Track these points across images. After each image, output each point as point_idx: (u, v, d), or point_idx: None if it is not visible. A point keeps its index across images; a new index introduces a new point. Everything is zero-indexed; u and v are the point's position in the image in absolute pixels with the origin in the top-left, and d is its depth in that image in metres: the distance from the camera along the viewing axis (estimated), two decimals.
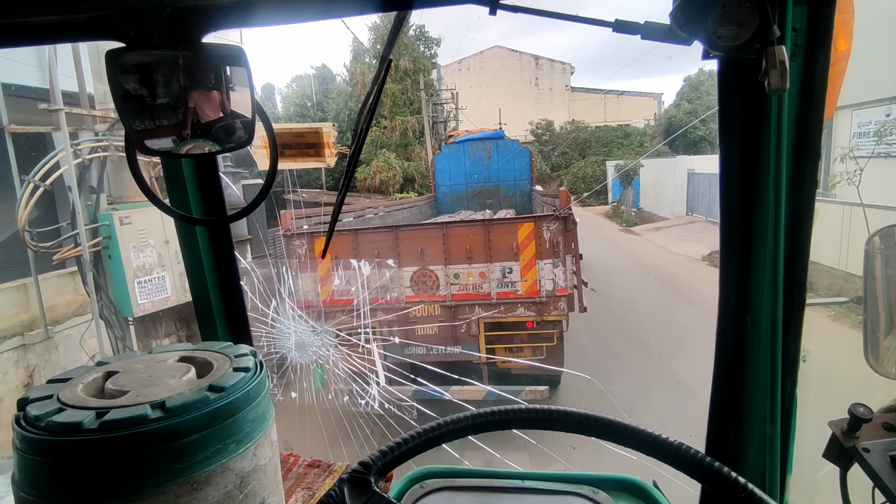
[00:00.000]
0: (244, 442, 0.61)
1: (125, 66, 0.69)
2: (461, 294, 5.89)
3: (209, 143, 0.75)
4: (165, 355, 0.71)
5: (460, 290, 5.89)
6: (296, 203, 10.78)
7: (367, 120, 0.97)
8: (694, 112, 25.12)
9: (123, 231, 5.42)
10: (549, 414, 0.74)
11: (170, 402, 0.56)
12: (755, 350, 0.86)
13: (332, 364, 5.52)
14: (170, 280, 5.90)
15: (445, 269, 5.86)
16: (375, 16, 19.72)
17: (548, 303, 5.73)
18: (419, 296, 5.95)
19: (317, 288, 6.02)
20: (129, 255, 5.44)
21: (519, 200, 12.25)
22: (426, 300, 5.94)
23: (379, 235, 6.02)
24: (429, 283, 5.94)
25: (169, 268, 5.88)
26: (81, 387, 0.61)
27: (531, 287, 5.72)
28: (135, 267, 5.52)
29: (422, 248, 5.88)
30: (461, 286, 5.88)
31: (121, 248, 5.37)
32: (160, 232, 5.78)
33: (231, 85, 0.73)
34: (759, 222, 0.80)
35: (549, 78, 37.72)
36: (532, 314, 5.80)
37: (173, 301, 5.99)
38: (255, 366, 0.67)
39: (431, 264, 5.89)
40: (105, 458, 0.52)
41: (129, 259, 5.45)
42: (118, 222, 5.37)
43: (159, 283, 5.78)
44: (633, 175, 21.45)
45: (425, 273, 5.93)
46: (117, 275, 5.47)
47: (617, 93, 38.09)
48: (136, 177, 0.86)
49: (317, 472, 1.20)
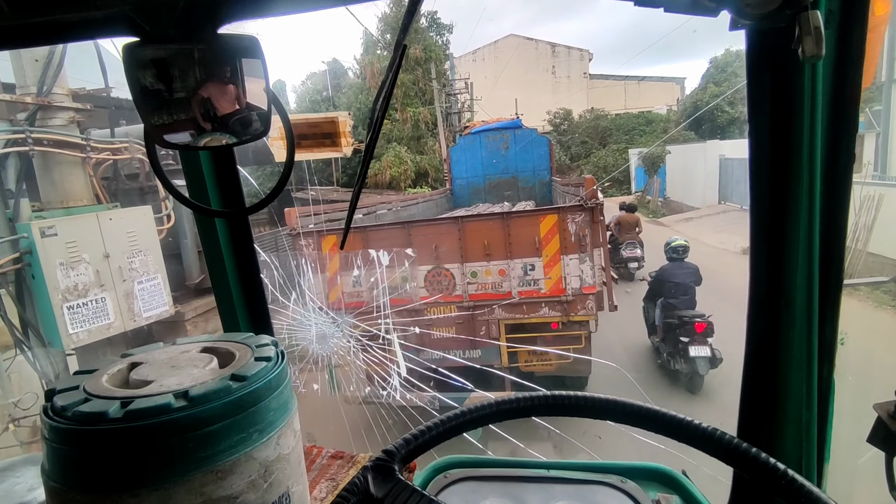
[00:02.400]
0: (267, 431, 0.61)
1: (142, 61, 0.68)
2: (479, 294, 5.53)
3: (226, 136, 0.74)
4: (188, 346, 0.73)
5: (478, 290, 5.53)
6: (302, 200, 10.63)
7: (383, 109, 0.92)
8: (722, 94, 24.25)
9: (46, 245, 4.36)
10: (575, 400, 0.73)
11: (193, 392, 0.56)
12: (789, 333, 0.84)
13: (353, 355, 5.28)
14: (112, 302, 4.82)
15: (462, 267, 5.51)
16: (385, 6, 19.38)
17: (574, 302, 5.33)
18: (434, 296, 5.60)
19: (324, 290, 5.71)
20: (54, 273, 4.41)
21: (539, 191, 11.97)
22: (441, 301, 5.59)
23: (390, 232, 5.71)
24: (444, 283, 5.60)
25: (111, 287, 4.82)
26: (106, 377, 0.63)
27: (556, 285, 5.34)
28: (63, 288, 4.48)
29: (436, 244, 5.54)
30: (479, 285, 5.53)
31: (43, 265, 4.35)
32: (97, 244, 4.70)
33: (246, 76, 0.73)
34: (793, 200, 0.78)
35: (566, 66, 37.43)
36: (557, 314, 5.40)
37: (118, 328, 4.89)
38: (277, 355, 0.67)
39: (447, 262, 5.54)
40: (130, 446, 0.53)
41: (54, 279, 4.42)
42: (38, 234, 4.30)
43: (98, 308, 4.73)
44: (658, 163, 20.66)
45: (440, 272, 5.59)
46: (42, 299, 4.47)
47: (637, 79, 38.08)
48: (158, 173, 0.85)
49: (340, 463, 1.20)
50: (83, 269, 4.57)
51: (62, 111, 4.53)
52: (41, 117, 4.50)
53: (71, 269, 4.49)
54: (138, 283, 4.63)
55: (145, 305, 4.65)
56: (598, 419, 0.73)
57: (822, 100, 0.72)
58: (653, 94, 36.13)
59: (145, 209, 4.68)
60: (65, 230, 4.48)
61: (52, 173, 4.67)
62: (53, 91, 4.43)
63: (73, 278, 4.50)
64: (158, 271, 4.75)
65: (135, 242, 4.69)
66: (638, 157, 23.64)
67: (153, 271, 4.74)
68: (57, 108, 4.49)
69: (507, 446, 4.53)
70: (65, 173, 4.64)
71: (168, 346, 0.73)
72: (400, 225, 5.77)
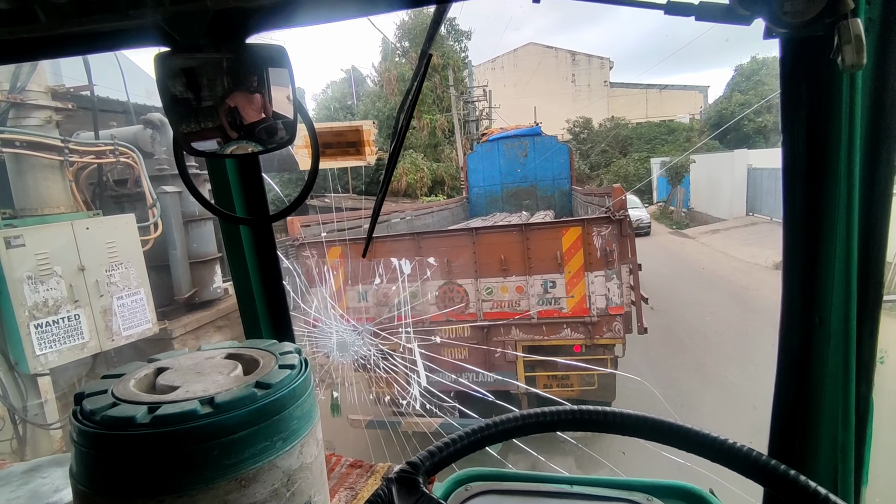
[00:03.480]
0: (291, 439, 0.63)
1: (173, 70, 0.69)
2: (495, 312, 5.13)
3: (252, 144, 0.75)
4: (213, 352, 0.75)
5: (494, 308, 5.13)
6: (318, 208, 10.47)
7: (407, 118, 0.95)
8: (748, 103, 23.82)
9: (12, 256, 3.93)
10: (601, 415, 0.72)
11: (218, 398, 0.58)
12: (824, 351, 0.82)
13: (374, 364, 5.08)
14: (87, 320, 4.32)
15: (476, 283, 5.11)
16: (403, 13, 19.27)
17: (599, 323, 4.91)
18: (446, 315, 5.19)
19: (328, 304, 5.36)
20: (20, 288, 3.96)
21: (558, 201, 11.83)
22: (454, 319, 5.19)
23: (399, 244, 5.34)
24: (457, 300, 5.20)
25: (86, 303, 4.32)
26: (134, 382, 0.65)
27: (579, 304, 4.92)
28: (31, 305, 4.03)
29: (448, 258, 5.14)
30: (495, 303, 5.13)
31: (7, 279, 3.90)
32: (71, 256, 4.24)
33: (273, 85, 0.73)
34: (829, 212, 0.76)
35: (586, 74, 37.24)
36: (581, 337, 4.98)
37: (93, 348, 4.35)
38: (301, 363, 0.70)
39: (460, 277, 5.15)
40: (156, 452, 0.55)
41: (20, 294, 3.96)
42: (2, 244, 3.88)
43: (70, 326, 4.25)
44: (683, 172, 20.00)
45: (452, 288, 5.19)
46: (7, 316, 4.03)
47: (659, 87, 38.00)
48: (186, 180, 0.86)
49: (359, 472, 1.21)
50: (54, 284, 4.10)
51: (38, 110, 4.20)
52: (14, 116, 4.18)
53: (40, 284, 4.04)
54: (118, 298, 4.19)
55: (125, 323, 4.22)
56: (625, 436, 0.71)
57: (860, 109, 0.71)
58: (675, 102, 35.82)
59: (128, 217, 4.29)
60: (34, 240, 4.03)
61: (25, 178, 4.29)
62: (28, 88, 4.10)
63: (42, 293, 4.05)
64: (141, 285, 4.33)
65: (115, 254, 4.27)
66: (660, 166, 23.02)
67: (135, 285, 4.33)
68: (32, 107, 4.16)
69: (527, 459, 4.39)
70: (40, 178, 4.28)
71: (193, 352, 0.76)
72: (410, 236, 5.38)
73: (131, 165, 4.46)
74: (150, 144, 4.82)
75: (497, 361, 5.17)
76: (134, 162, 4.50)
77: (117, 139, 4.39)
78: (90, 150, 4.35)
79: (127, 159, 4.44)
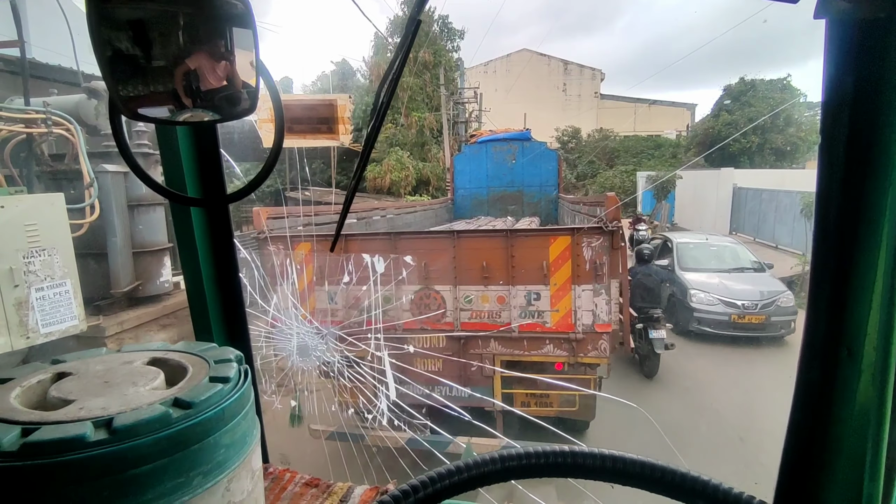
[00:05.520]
0: (214, 474, 0.52)
1: (115, 21, 0.58)
2: (473, 323, 4.78)
3: (209, 113, 0.66)
4: (134, 355, 0.64)
5: (472, 318, 4.78)
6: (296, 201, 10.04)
7: (389, 92, 0.84)
8: (734, 123, 24.12)
9: None
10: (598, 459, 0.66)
11: (118, 421, 0.47)
12: (852, 387, 0.72)
13: (337, 372, 4.73)
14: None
15: (455, 291, 4.76)
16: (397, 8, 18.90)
17: (584, 340, 4.58)
18: (420, 322, 4.83)
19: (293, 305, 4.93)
20: None
21: (544, 208, 11.69)
22: (428, 328, 4.83)
23: (373, 244, 4.93)
24: (433, 308, 4.84)
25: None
26: (19, 391, 0.54)
27: (564, 319, 4.59)
28: None
29: (426, 261, 4.76)
30: (473, 313, 4.78)
31: None
32: None
33: (235, 47, 0.65)
34: (869, 229, 0.67)
35: (577, 84, 37.54)
36: (564, 354, 4.64)
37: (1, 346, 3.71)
38: (239, 374, 0.59)
39: (438, 283, 4.79)
40: (24, 492, 0.43)
41: None
42: None
43: None
44: (668, 188, 20.08)
45: (429, 294, 4.82)
46: None
47: (648, 102, 38.73)
48: (121, 147, 0.75)
49: (315, 492, 1.09)
50: None
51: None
52: None
53: None
54: (37, 289, 3.58)
55: (45, 318, 3.61)
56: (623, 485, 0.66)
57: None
58: (663, 118, 36.23)
59: (55, 197, 3.66)
60: None
61: None
62: None
63: None
64: (68, 276, 3.73)
65: (36, 238, 3.64)
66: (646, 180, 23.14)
67: (60, 276, 3.70)
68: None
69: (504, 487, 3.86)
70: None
71: (110, 354, 0.65)
72: (385, 235, 4.98)
73: (70, 139, 3.90)
74: (95, 117, 4.24)
75: (473, 376, 4.81)
76: (71, 134, 3.93)
77: (52, 107, 3.81)
78: (17, 118, 3.75)
79: (62, 130, 3.87)
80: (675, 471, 0.64)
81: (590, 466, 0.66)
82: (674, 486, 0.63)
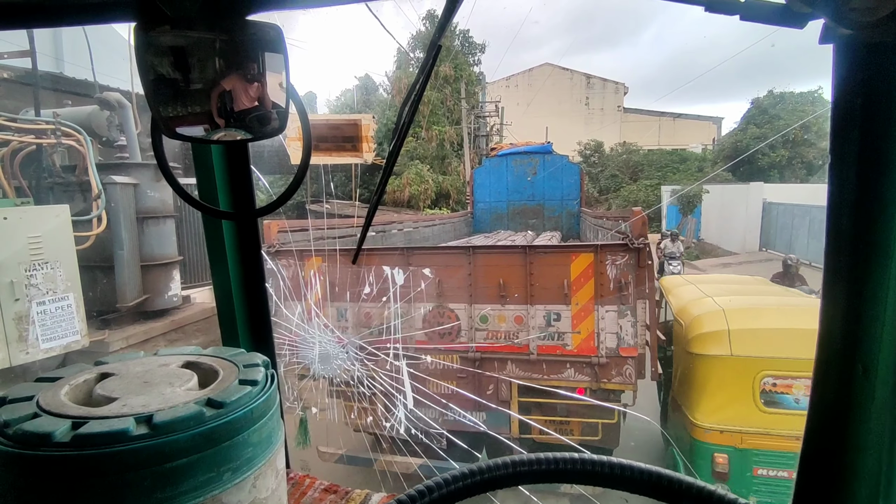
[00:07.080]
0: (242, 470, 0.56)
1: (159, 47, 0.63)
2: (489, 345, 4.56)
3: (241, 132, 0.70)
4: (169, 359, 0.68)
5: (488, 339, 4.57)
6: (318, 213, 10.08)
7: (410, 114, 0.90)
8: (763, 136, 23.56)
9: None
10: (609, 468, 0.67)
11: (158, 417, 0.51)
12: (867, 405, 0.70)
13: (357, 381, 4.70)
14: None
15: (470, 309, 4.56)
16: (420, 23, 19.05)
17: (608, 365, 4.33)
18: (433, 342, 4.64)
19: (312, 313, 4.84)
20: None
21: (566, 223, 11.48)
22: (442, 348, 4.64)
23: (384, 258, 4.72)
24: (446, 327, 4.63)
25: None
26: (67, 389, 0.58)
27: (586, 342, 4.36)
28: None
29: (441, 278, 4.58)
30: (490, 333, 4.57)
31: None
32: None
33: (267, 70, 0.68)
34: (881, 243, 0.67)
35: (600, 97, 37.24)
36: (586, 379, 4.40)
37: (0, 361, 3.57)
38: (266, 378, 0.62)
39: (452, 301, 4.61)
40: (74, 479, 0.47)
41: None
42: None
43: None
44: (695, 202, 19.52)
45: (443, 312, 4.63)
46: None
47: (672, 115, 38.20)
48: (161, 164, 0.79)
49: (333, 498, 1.13)
50: None
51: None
52: None
53: None
54: (38, 303, 3.51)
55: (46, 333, 3.52)
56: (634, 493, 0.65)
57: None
58: (688, 131, 35.68)
59: (60, 208, 3.60)
60: None
61: None
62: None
63: None
64: (70, 289, 3.65)
65: (39, 250, 3.58)
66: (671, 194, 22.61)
67: (63, 289, 3.62)
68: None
69: (519, 497, 4.15)
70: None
71: (147, 357, 0.69)
72: (397, 251, 4.80)
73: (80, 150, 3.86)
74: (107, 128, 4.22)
75: (489, 399, 4.58)
76: (80, 145, 3.90)
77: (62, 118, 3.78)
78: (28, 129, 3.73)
79: (71, 141, 3.84)
80: (688, 482, 0.63)
81: (600, 474, 0.66)
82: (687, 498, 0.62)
